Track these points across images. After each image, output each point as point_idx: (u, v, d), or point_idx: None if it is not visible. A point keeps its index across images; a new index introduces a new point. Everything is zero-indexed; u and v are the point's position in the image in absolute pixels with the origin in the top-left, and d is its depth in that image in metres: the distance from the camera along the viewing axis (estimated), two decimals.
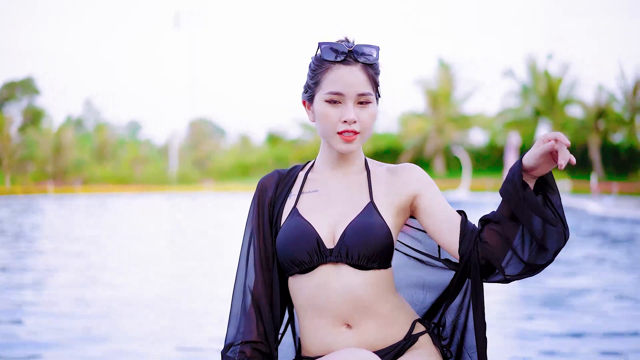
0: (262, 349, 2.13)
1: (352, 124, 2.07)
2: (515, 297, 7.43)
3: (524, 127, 46.28)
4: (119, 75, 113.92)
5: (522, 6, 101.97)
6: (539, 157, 1.98)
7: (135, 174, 47.05)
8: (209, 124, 69.47)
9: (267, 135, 62.14)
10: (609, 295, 7.28)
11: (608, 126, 44.71)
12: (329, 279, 2.07)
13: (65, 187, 39.93)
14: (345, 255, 2.06)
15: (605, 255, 10.97)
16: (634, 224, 17.22)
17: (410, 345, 2.13)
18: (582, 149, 45.48)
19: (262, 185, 2.22)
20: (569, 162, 1.93)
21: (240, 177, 54.50)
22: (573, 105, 46.37)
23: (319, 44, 2.14)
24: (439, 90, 48.60)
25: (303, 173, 2.24)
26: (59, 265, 9.78)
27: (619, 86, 44.78)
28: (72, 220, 18.84)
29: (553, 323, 5.89)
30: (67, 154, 44.85)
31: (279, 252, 2.12)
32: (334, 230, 2.10)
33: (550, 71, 46.60)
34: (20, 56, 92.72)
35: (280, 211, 2.17)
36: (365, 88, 2.08)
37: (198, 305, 6.89)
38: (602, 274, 9.01)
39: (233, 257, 8.29)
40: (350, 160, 2.19)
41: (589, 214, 21.32)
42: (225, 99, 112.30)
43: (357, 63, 2.09)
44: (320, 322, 2.10)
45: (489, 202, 28.95)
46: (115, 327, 5.74)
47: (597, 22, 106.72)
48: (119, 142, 54.27)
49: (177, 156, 51.47)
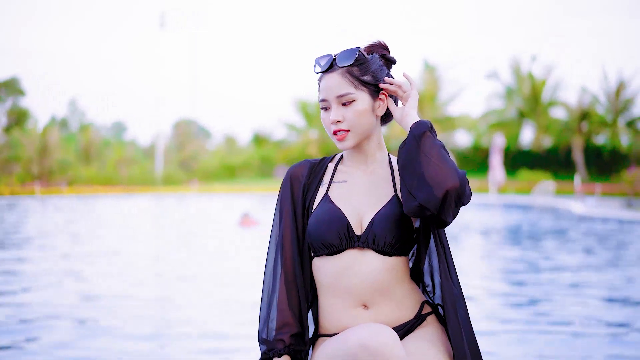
0: (295, 331, 2.34)
1: (338, 124, 2.30)
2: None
3: (508, 128, 46.64)
4: (104, 75, 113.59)
5: (521, 6, 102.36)
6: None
7: (120, 175, 46.93)
8: (194, 124, 69.42)
9: (252, 136, 62.17)
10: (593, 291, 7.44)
11: (591, 128, 45.07)
12: (354, 263, 2.29)
13: (52, 188, 39.82)
14: (372, 241, 2.28)
15: (588, 252, 11.16)
16: (616, 224, 17.45)
17: (419, 324, 2.35)
18: (565, 151, 45.87)
19: (293, 172, 2.44)
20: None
21: (226, 178, 54.50)
22: (557, 107, 46.71)
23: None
24: (424, 91, 48.77)
25: (332, 164, 2.47)
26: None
27: (602, 88, 45.20)
28: (79, 223, 18.83)
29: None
30: (52, 154, 44.67)
31: (310, 233, 2.34)
32: (362, 218, 2.32)
33: (534, 73, 46.95)
34: (3, 56, 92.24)
35: (313, 197, 2.39)
36: (343, 89, 2.29)
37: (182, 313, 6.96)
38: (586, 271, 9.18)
39: (221, 258, 8.31)
40: (372, 156, 2.41)
41: (572, 214, 21.56)
42: (210, 99, 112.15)
43: (338, 69, 2.31)
44: (340, 302, 2.31)
45: (474, 202, 29.15)
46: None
47: (597, 22, 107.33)
48: (104, 143, 54.10)
49: (162, 157, 51.38)
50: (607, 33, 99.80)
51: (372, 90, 2.33)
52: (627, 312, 6.51)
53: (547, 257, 10.88)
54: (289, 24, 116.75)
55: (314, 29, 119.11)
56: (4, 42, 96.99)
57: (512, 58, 47.76)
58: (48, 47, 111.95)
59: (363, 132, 2.34)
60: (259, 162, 56.74)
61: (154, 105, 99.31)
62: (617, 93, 44.45)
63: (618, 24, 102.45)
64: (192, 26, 57.67)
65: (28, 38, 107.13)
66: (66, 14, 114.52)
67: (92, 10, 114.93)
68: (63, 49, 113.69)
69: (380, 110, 2.36)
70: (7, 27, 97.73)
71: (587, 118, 44.74)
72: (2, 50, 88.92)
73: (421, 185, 2.16)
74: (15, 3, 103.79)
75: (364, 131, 2.34)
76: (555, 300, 7.05)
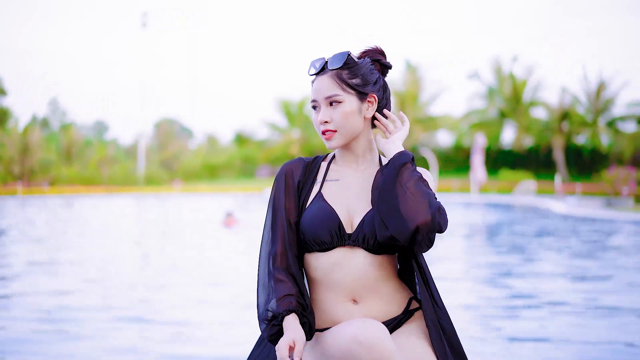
0: (302, 302, 2.37)
1: (325, 124, 2.41)
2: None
3: (490, 128, 46.88)
4: (84, 75, 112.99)
5: (521, 6, 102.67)
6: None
7: (102, 175, 46.75)
8: (175, 124, 69.25)
9: (234, 135, 62.10)
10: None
11: (572, 128, 45.38)
12: (344, 259, 2.38)
13: (34, 188, 39.62)
14: (362, 240, 2.37)
15: (566, 249, 11.30)
16: (596, 223, 17.63)
17: (406, 319, 2.45)
18: (546, 150, 46.20)
19: (288, 169, 2.52)
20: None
21: (208, 178, 54.42)
22: (537, 107, 46.96)
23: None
24: (406, 92, 48.91)
25: (325, 163, 2.55)
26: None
27: (582, 88, 45.52)
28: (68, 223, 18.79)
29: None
30: (33, 154, 44.38)
31: (303, 230, 2.42)
32: (352, 216, 2.41)
33: (515, 73, 47.20)
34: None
35: (308, 194, 2.47)
36: (331, 91, 2.40)
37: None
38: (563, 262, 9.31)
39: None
40: (363, 156, 2.50)
41: (553, 214, 21.74)
42: (191, 99, 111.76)
43: (328, 71, 2.42)
44: (330, 297, 2.40)
45: (456, 202, 29.31)
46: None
47: (597, 22, 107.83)
48: (85, 142, 53.80)
49: (144, 157, 51.21)
50: (607, 33, 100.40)
51: (360, 93, 2.43)
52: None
53: (528, 256, 11.01)
54: (283, 23, 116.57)
55: (310, 29, 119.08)
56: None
57: (494, 58, 47.98)
58: (22, 45, 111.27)
59: (350, 133, 2.43)
60: (240, 162, 56.69)
61: (135, 105, 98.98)
62: (598, 93, 44.79)
63: (618, 24, 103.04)
64: (176, 26, 57.51)
65: (6, 36, 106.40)
66: (45, 13, 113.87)
67: (72, 9, 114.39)
68: (44, 48, 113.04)
69: (369, 113, 2.45)
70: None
71: (568, 118, 45.04)
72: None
73: (394, 216, 2.26)
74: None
75: (351, 132, 2.43)
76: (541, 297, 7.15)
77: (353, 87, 2.41)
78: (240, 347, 4.86)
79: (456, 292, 7.38)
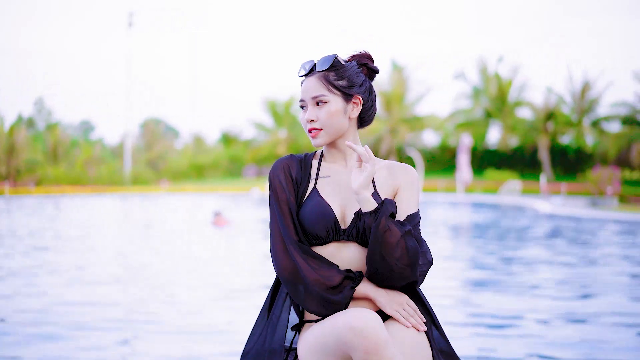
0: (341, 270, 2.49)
1: (311, 123, 2.55)
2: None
3: (475, 128, 47.07)
4: (70, 74, 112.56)
5: (521, 6, 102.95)
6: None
7: (89, 175, 46.58)
8: (162, 124, 69.11)
9: (221, 135, 62.06)
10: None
11: (557, 128, 45.61)
12: (337, 252, 2.51)
13: (20, 188, 39.49)
14: (355, 235, 2.49)
15: (554, 250, 11.43)
16: (581, 222, 17.81)
17: None
18: (531, 150, 46.44)
19: (284, 164, 2.62)
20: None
21: (194, 178, 54.36)
22: (523, 107, 47.15)
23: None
24: (392, 92, 49.01)
25: (316, 161, 2.67)
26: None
27: (567, 89, 45.78)
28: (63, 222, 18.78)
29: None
30: (19, 154, 44.20)
31: (301, 224, 2.53)
32: (345, 212, 2.53)
33: (500, 74, 47.41)
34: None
35: (305, 189, 2.58)
36: (318, 91, 2.54)
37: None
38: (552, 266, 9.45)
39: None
40: (350, 154, 2.62)
41: (538, 213, 21.91)
42: (178, 99, 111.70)
43: (316, 73, 2.57)
44: None
45: (442, 201, 29.49)
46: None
47: (597, 22, 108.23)
48: (71, 142, 53.57)
49: (130, 157, 51.10)
50: (607, 33, 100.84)
51: (346, 94, 2.55)
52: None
53: (513, 254, 11.15)
54: (277, 23, 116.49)
55: (308, 29, 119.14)
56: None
57: (479, 59, 48.17)
58: (5, 45, 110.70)
59: (335, 131, 2.56)
60: (227, 162, 56.67)
61: (121, 104, 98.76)
62: (582, 93, 45.04)
63: (618, 24, 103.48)
64: (164, 27, 57.53)
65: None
66: (29, 12, 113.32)
67: (58, 8, 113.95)
68: (30, 47, 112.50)
69: (354, 113, 2.58)
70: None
71: (553, 118, 45.26)
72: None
73: (385, 273, 2.42)
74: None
75: (336, 131, 2.56)
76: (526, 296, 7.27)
77: (339, 88, 2.54)
78: (240, 347, 4.81)
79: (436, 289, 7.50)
